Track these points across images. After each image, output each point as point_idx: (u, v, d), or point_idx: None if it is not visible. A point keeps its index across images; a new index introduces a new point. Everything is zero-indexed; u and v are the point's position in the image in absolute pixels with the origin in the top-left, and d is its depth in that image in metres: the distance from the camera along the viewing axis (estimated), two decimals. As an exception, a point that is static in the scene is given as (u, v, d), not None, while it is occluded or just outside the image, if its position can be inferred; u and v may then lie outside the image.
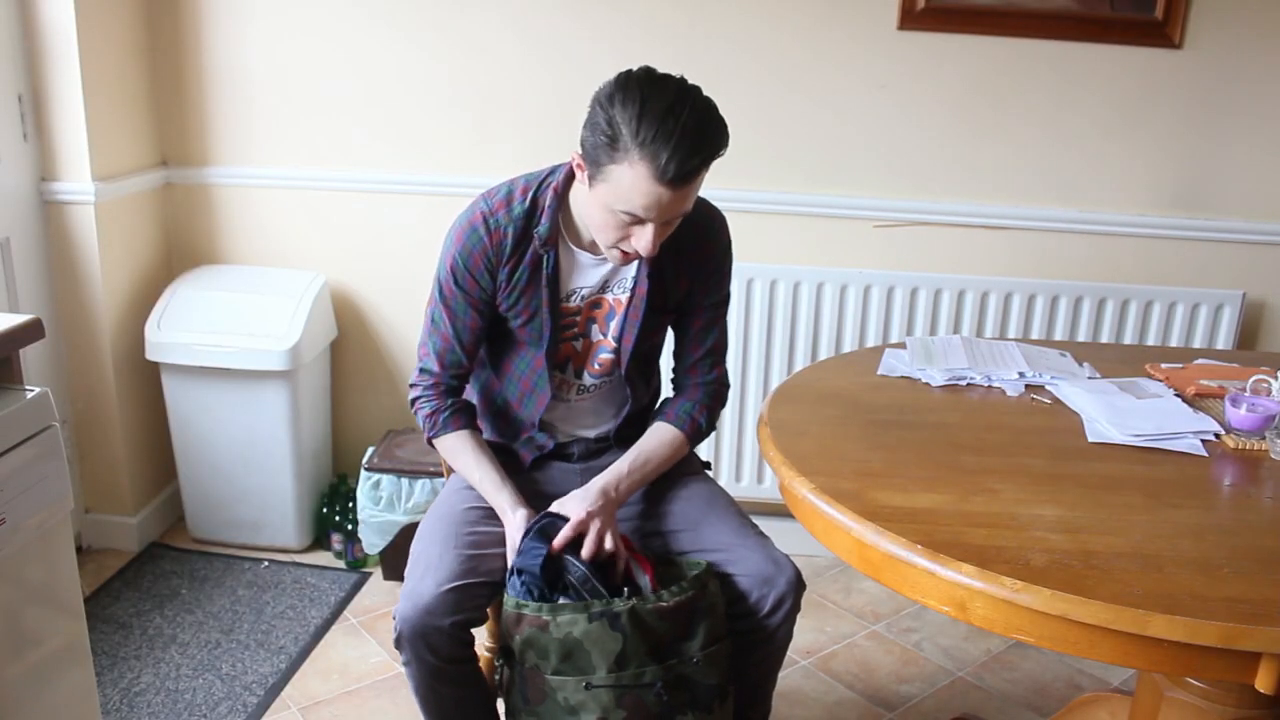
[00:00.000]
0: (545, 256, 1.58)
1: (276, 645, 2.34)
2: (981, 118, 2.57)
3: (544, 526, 1.54)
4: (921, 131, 2.59)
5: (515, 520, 1.56)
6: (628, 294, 1.63)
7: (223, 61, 2.67)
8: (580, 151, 1.47)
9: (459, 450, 1.65)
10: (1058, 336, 2.60)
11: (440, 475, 2.51)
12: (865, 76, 2.56)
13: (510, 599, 1.49)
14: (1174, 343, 2.59)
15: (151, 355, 2.58)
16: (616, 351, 1.66)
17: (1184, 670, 1.25)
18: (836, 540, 1.34)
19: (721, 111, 1.46)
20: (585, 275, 1.62)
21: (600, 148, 1.41)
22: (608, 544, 1.53)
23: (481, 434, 1.70)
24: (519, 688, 1.52)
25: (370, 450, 2.64)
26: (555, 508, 1.57)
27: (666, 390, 1.81)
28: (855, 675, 2.33)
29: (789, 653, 1.79)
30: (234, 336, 2.54)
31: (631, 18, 2.54)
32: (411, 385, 1.69)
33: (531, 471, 1.74)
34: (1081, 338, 2.59)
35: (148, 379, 2.71)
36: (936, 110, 2.57)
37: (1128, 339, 2.60)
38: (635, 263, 1.61)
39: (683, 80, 1.44)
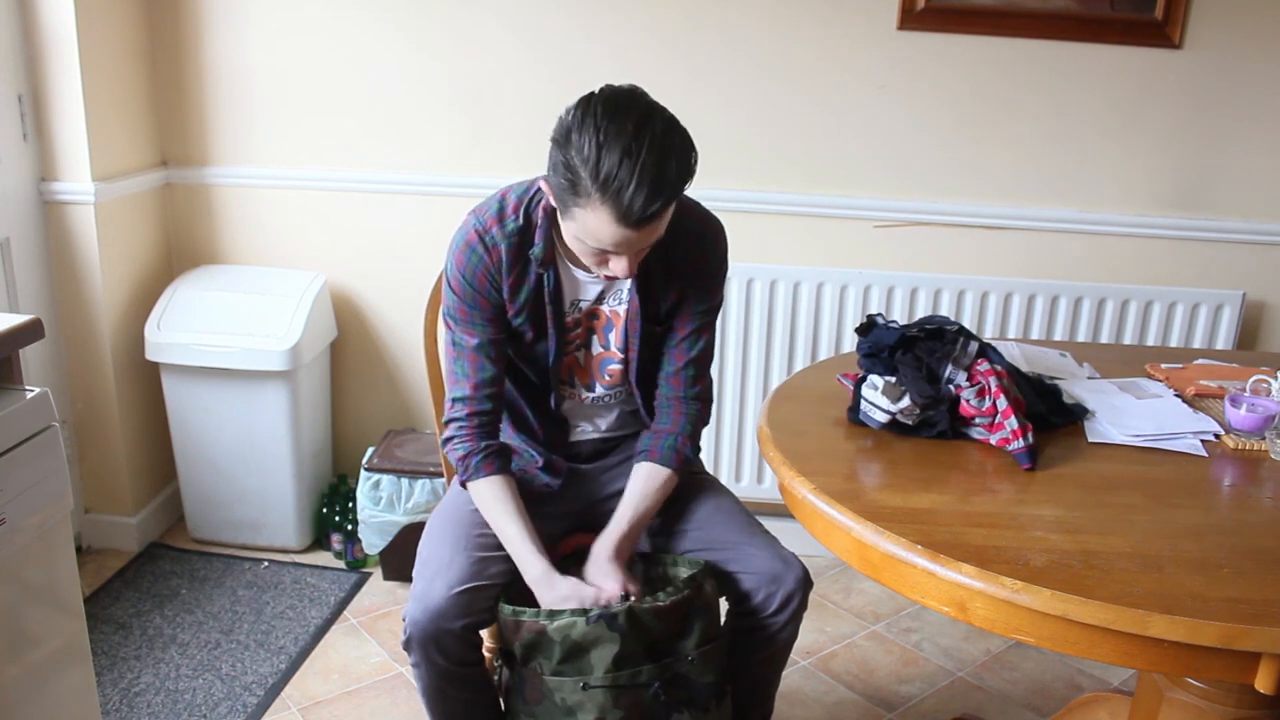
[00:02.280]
0: (545, 276, 1.56)
1: (276, 645, 2.34)
2: (981, 118, 2.57)
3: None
4: (921, 131, 2.59)
5: (554, 592, 1.51)
6: (624, 305, 1.62)
7: (223, 61, 2.67)
8: (547, 186, 1.44)
9: (493, 500, 1.58)
10: (1058, 336, 2.60)
11: (440, 475, 2.51)
12: (865, 76, 2.56)
13: (506, 608, 1.50)
14: (1174, 343, 2.59)
15: (151, 355, 2.58)
16: (625, 362, 1.65)
17: (1184, 670, 1.25)
18: (836, 540, 1.34)
19: (687, 130, 1.40)
20: (583, 289, 1.61)
21: (563, 189, 1.37)
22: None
23: (514, 480, 1.61)
24: (517, 689, 1.52)
25: (370, 450, 2.64)
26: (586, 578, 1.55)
27: None
28: (855, 675, 2.33)
29: (788, 653, 1.79)
30: (234, 336, 2.54)
31: (631, 18, 2.54)
32: (445, 423, 1.62)
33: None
34: (1081, 338, 2.59)
35: (148, 379, 2.71)
36: (936, 110, 2.57)
37: (1128, 339, 2.60)
38: (611, 282, 1.59)
39: (644, 106, 1.38)
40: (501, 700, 1.61)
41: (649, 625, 1.48)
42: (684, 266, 1.60)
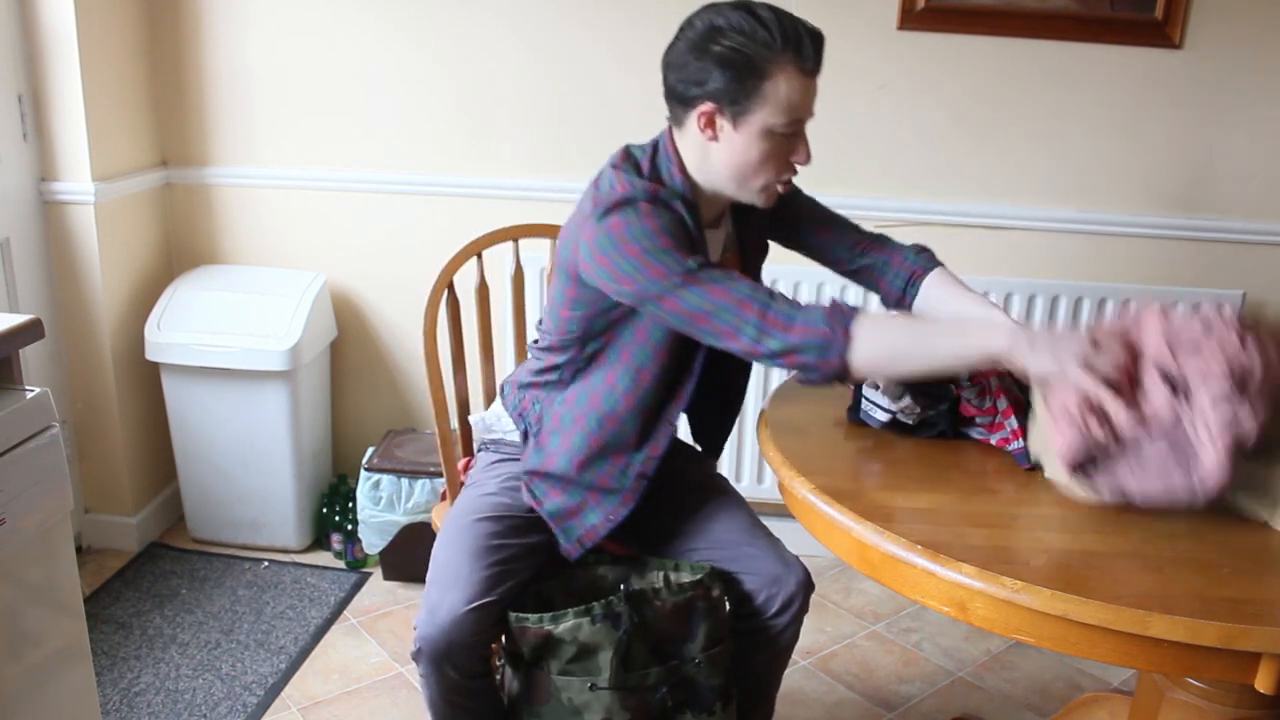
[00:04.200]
0: (701, 237, 1.48)
1: (276, 645, 2.34)
2: (981, 118, 2.57)
3: None
4: (921, 131, 2.59)
5: (1055, 341, 1.25)
6: (730, 255, 1.64)
7: (223, 61, 2.67)
8: (709, 104, 1.42)
9: (886, 320, 1.37)
10: (1058, 336, 2.60)
11: (440, 475, 2.51)
12: (865, 77, 2.55)
13: (511, 615, 1.49)
14: (1174, 343, 2.59)
15: (151, 355, 2.58)
16: None
17: (1184, 670, 1.25)
18: (836, 540, 1.34)
19: None
20: (716, 249, 1.60)
21: (739, 73, 1.39)
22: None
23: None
24: (523, 690, 1.52)
25: (370, 450, 2.64)
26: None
27: None
28: (855, 675, 2.33)
29: (788, 653, 1.78)
30: (234, 336, 2.54)
31: (631, 18, 2.54)
32: (765, 320, 1.34)
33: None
34: (1081, 338, 2.59)
35: (148, 379, 2.71)
36: (936, 110, 2.57)
37: (1128, 339, 2.59)
38: (723, 236, 1.60)
39: None
40: (505, 699, 1.60)
41: (653, 625, 1.48)
42: (749, 219, 1.64)
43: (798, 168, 1.49)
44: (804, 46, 1.41)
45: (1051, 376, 1.25)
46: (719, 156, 1.47)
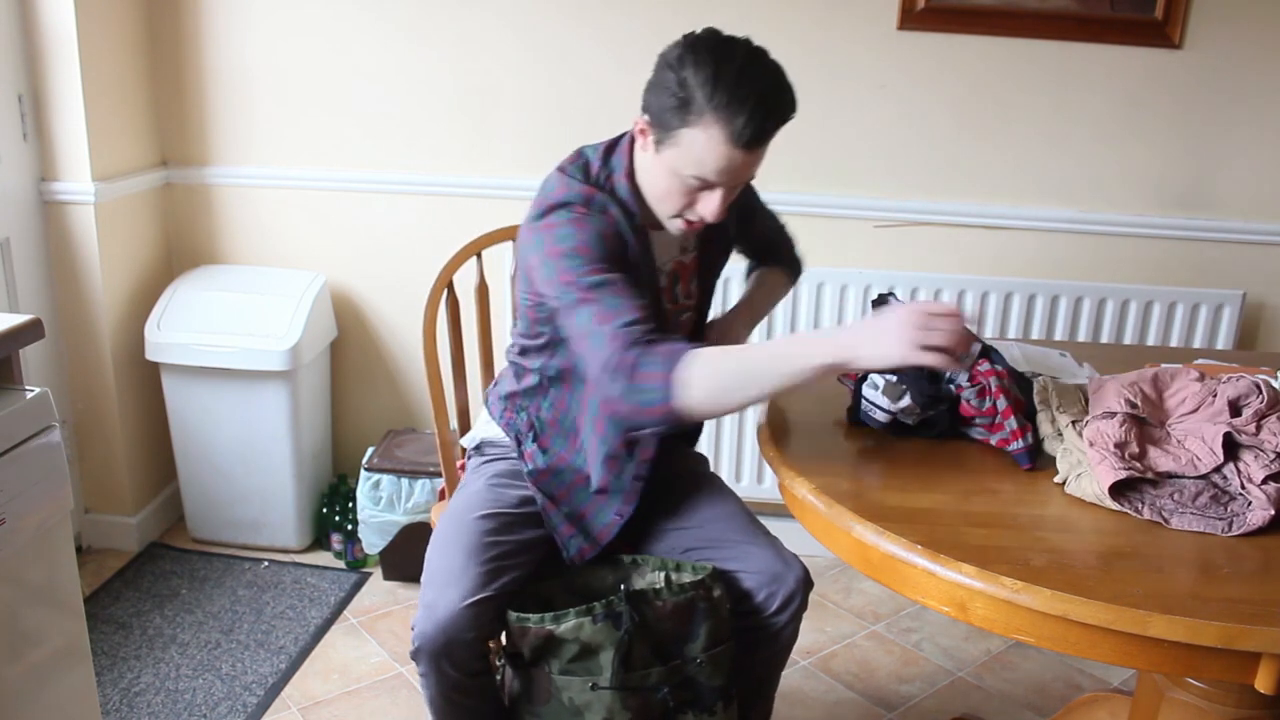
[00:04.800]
0: (644, 239, 1.51)
1: (276, 645, 2.34)
2: (981, 118, 2.57)
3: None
4: (921, 131, 2.59)
5: (873, 320, 1.30)
6: (690, 256, 1.63)
7: (223, 61, 2.67)
8: (646, 117, 1.43)
9: (718, 357, 1.33)
10: (1058, 336, 2.60)
11: (440, 475, 2.51)
12: (865, 76, 2.55)
13: (512, 614, 1.49)
14: (1174, 343, 2.59)
15: (151, 355, 2.58)
16: (695, 309, 1.68)
17: (1184, 670, 1.25)
18: (836, 540, 1.34)
19: None
20: (668, 250, 1.60)
21: (670, 111, 1.37)
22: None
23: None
24: (524, 690, 1.52)
25: (370, 450, 2.64)
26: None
27: None
28: (855, 675, 2.32)
29: (788, 653, 1.78)
30: (234, 336, 2.54)
31: (631, 18, 2.54)
32: (626, 350, 1.32)
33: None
34: (1081, 338, 2.59)
35: (148, 379, 2.71)
36: (936, 110, 2.57)
37: (1128, 339, 2.59)
38: (678, 237, 1.58)
39: (750, 42, 1.41)
40: (506, 699, 1.60)
41: (654, 626, 1.47)
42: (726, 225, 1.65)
43: (707, 218, 1.44)
44: (742, 121, 1.32)
45: (896, 362, 1.26)
46: (642, 168, 1.50)
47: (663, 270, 1.60)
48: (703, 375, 1.30)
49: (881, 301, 1.63)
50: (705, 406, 1.32)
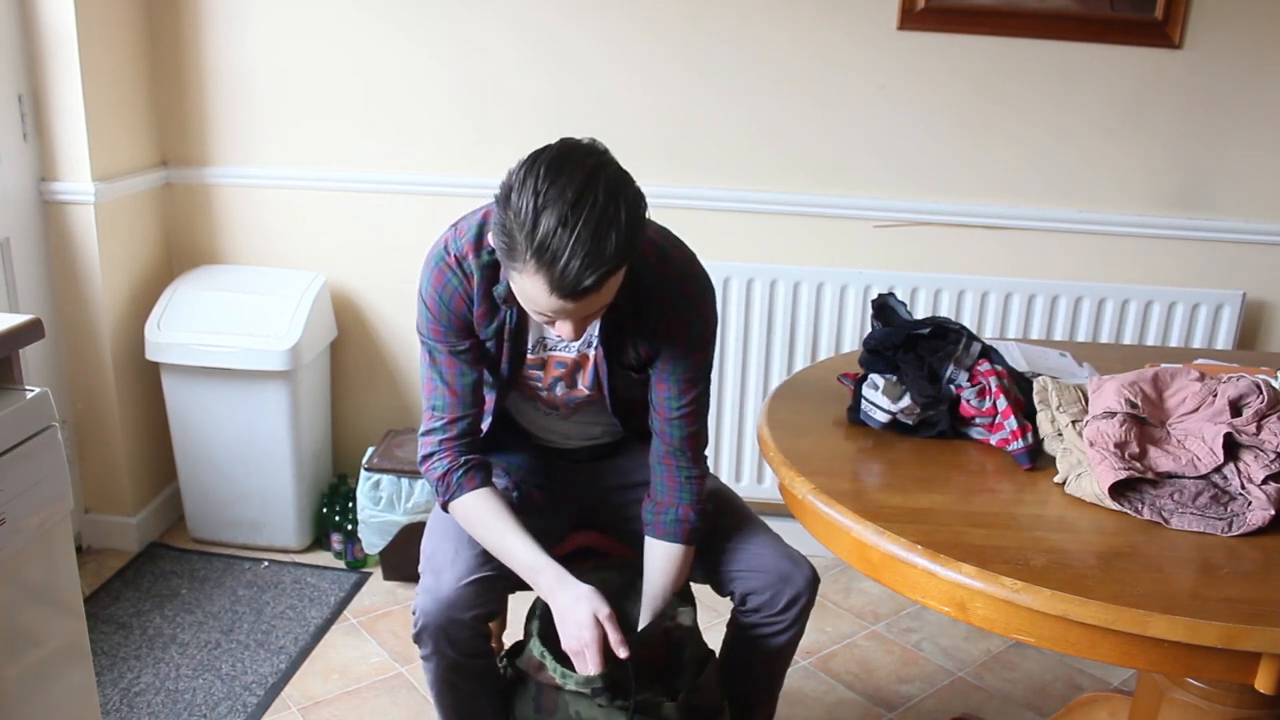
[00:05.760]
0: (508, 314, 1.48)
1: (276, 645, 2.34)
2: (981, 118, 2.57)
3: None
4: (921, 131, 2.59)
5: (572, 592, 1.45)
6: (593, 350, 1.54)
7: (223, 61, 2.67)
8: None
9: (484, 514, 1.51)
10: (1058, 336, 2.60)
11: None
12: (865, 76, 2.56)
13: (536, 644, 1.49)
14: (1174, 343, 2.59)
15: (151, 355, 2.58)
16: (600, 398, 1.60)
17: (1184, 670, 1.25)
18: (836, 540, 1.34)
19: (622, 211, 1.26)
20: (548, 330, 1.53)
21: (501, 250, 1.29)
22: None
23: (499, 493, 1.55)
24: (531, 695, 1.51)
25: (370, 450, 2.64)
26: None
27: None
28: (855, 675, 2.32)
29: (789, 653, 1.78)
30: (234, 336, 2.54)
31: (631, 18, 2.54)
32: (422, 436, 1.55)
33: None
34: (1081, 338, 2.59)
35: (148, 379, 2.71)
36: (936, 110, 2.57)
37: (1128, 339, 2.60)
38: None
39: (591, 169, 1.27)
40: (506, 697, 1.60)
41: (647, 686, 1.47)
42: (658, 327, 1.49)
43: (565, 338, 1.36)
44: (557, 274, 1.23)
45: (556, 616, 1.46)
46: None
47: (543, 345, 1.54)
48: (463, 514, 1.53)
49: (882, 302, 1.63)
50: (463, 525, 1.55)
